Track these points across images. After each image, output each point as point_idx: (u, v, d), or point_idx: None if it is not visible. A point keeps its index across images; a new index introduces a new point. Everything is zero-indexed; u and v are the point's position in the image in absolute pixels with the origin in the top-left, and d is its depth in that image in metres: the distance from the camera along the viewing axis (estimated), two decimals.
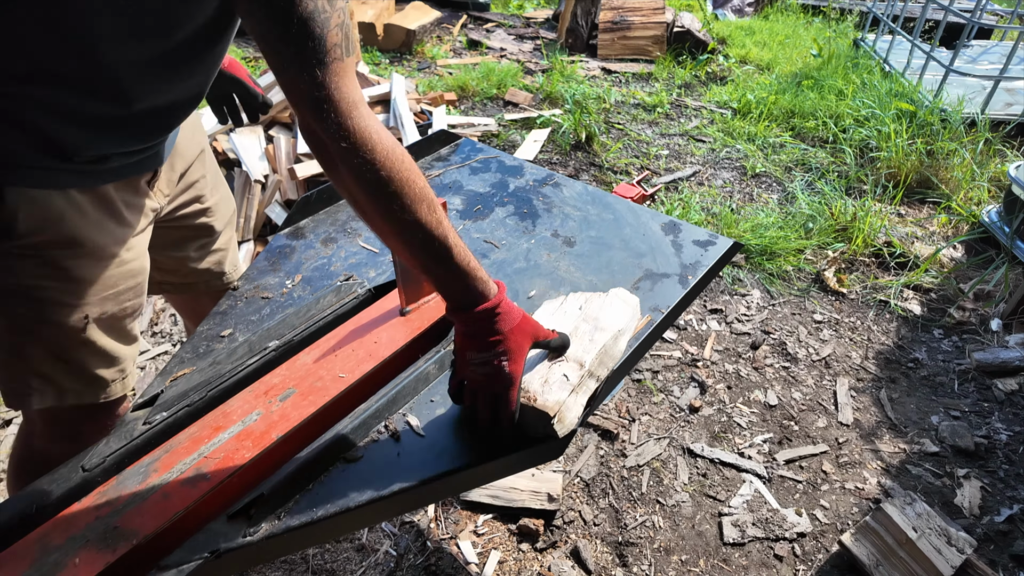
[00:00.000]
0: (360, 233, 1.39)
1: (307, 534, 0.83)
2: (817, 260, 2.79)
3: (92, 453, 0.88)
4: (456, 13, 5.92)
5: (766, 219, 2.92)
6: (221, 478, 0.82)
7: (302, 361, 1.01)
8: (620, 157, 3.57)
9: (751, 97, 4.12)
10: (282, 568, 1.59)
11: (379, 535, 1.67)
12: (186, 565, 0.75)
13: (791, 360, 2.29)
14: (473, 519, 1.72)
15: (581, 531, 1.71)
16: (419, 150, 1.67)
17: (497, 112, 4.04)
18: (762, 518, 1.75)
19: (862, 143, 3.54)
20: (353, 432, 0.92)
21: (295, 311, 1.15)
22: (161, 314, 2.40)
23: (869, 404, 2.12)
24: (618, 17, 5.00)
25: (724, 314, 2.49)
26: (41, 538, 0.76)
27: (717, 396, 2.13)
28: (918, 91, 3.74)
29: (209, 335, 1.13)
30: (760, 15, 6.37)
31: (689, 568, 1.64)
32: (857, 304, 2.56)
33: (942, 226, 3.04)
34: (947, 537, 1.56)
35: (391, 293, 1.16)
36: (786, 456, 1.93)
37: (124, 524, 0.77)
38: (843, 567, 1.64)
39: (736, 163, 3.58)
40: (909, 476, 1.89)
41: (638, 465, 1.89)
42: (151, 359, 2.21)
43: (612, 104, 4.16)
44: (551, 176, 1.59)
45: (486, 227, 1.41)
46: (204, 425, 0.90)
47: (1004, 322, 2.43)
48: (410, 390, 1.00)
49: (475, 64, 4.70)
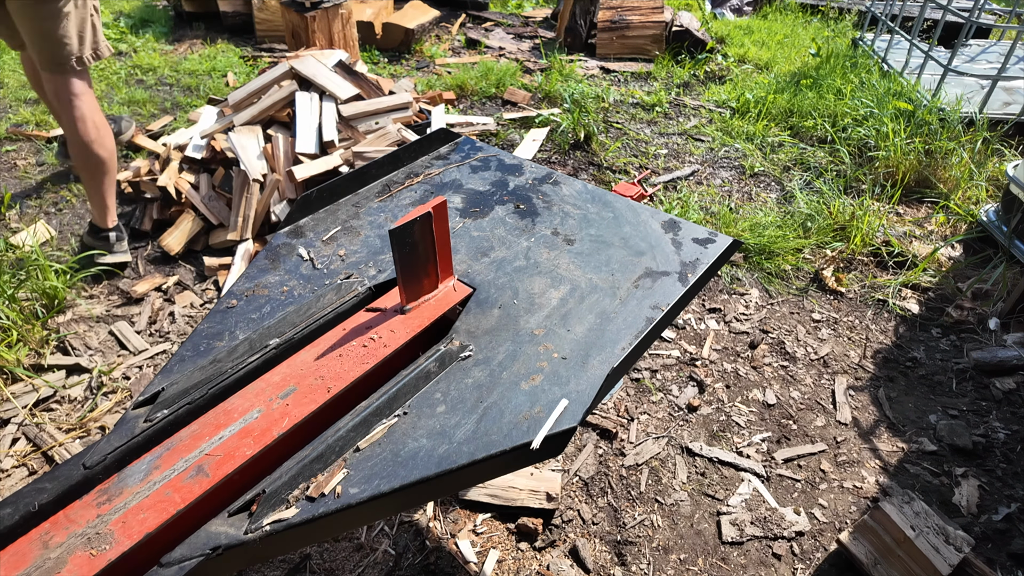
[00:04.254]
0: (360, 232, 1.39)
1: (307, 532, 0.84)
2: (815, 259, 2.79)
3: (93, 451, 0.89)
4: (455, 12, 5.91)
5: (764, 218, 2.93)
6: (222, 475, 0.82)
7: (303, 359, 1.01)
8: (619, 156, 3.58)
9: (750, 96, 4.13)
10: (281, 567, 1.59)
11: (378, 534, 1.68)
12: (187, 562, 0.75)
13: (789, 359, 2.29)
14: (472, 518, 1.72)
15: (580, 530, 1.71)
16: (419, 149, 1.67)
17: (496, 111, 4.04)
18: (760, 517, 1.76)
19: (860, 142, 3.54)
20: (354, 429, 0.92)
21: (295, 309, 1.15)
22: (160, 313, 2.40)
23: (867, 403, 2.13)
24: (617, 16, 5.00)
25: (723, 313, 2.50)
26: (43, 535, 0.76)
27: (716, 395, 2.13)
28: (916, 90, 3.74)
29: (210, 333, 1.13)
30: (759, 14, 6.37)
31: (688, 567, 1.64)
32: (855, 303, 2.57)
33: (940, 225, 3.05)
34: (945, 536, 1.56)
35: (391, 291, 1.17)
36: (784, 455, 1.94)
37: (125, 521, 0.77)
38: (841, 566, 1.64)
39: (735, 162, 3.58)
40: (907, 475, 1.89)
41: (637, 464, 1.89)
42: (150, 358, 2.21)
43: (611, 103, 4.16)
44: (551, 174, 1.59)
45: (486, 225, 1.41)
46: (205, 423, 0.90)
47: (1002, 321, 2.44)
48: (410, 387, 1.00)
49: (474, 63, 4.70)
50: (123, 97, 3.96)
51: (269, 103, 2.92)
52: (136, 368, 2.17)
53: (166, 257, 2.66)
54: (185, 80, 4.25)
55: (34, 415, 1.99)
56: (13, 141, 3.49)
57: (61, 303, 2.35)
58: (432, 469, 0.89)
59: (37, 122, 3.66)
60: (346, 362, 1.00)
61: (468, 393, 1.00)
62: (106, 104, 3.91)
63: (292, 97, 2.94)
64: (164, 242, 2.66)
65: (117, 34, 4.88)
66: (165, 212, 2.82)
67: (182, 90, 4.15)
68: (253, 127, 2.88)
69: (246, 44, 4.90)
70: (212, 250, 2.73)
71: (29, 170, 3.24)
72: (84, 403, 2.04)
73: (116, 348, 2.25)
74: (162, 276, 2.57)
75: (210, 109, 3.12)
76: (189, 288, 2.52)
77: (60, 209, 2.96)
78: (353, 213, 1.46)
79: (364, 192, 1.53)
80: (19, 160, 3.33)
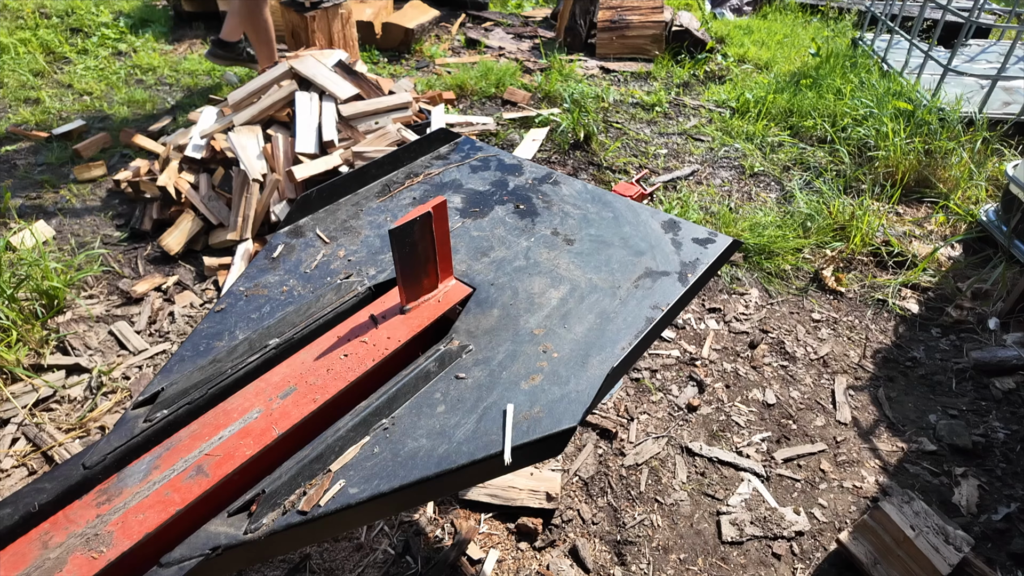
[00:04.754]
0: (360, 232, 1.39)
1: (307, 532, 0.84)
2: (815, 259, 2.79)
3: (93, 451, 0.89)
4: (454, 12, 5.91)
5: (764, 218, 2.93)
6: (221, 476, 0.82)
7: (302, 359, 1.01)
8: (619, 156, 3.58)
9: (749, 96, 4.13)
10: (281, 567, 1.59)
11: (378, 534, 1.68)
12: (187, 562, 0.75)
13: (789, 359, 2.29)
14: (472, 518, 1.72)
15: (580, 530, 1.71)
16: (419, 148, 1.67)
17: (495, 111, 4.04)
18: (760, 517, 1.76)
19: (860, 142, 3.54)
20: (354, 429, 0.92)
21: (295, 309, 1.15)
22: (159, 313, 2.40)
23: (867, 403, 2.13)
24: (616, 16, 5.00)
25: (722, 313, 2.50)
26: (42, 535, 0.76)
27: (715, 395, 2.13)
28: (916, 90, 3.74)
29: (209, 333, 1.13)
30: (758, 14, 6.37)
31: (687, 567, 1.64)
32: (855, 303, 2.57)
33: (940, 225, 3.05)
34: (945, 535, 1.56)
35: (391, 291, 1.17)
36: (784, 455, 1.94)
37: (125, 521, 0.77)
38: (841, 566, 1.64)
39: (734, 162, 3.58)
40: (907, 475, 1.89)
41: (636, 464, 1.89)
42: (149, 358, 2.21)
43: (610, 103, 4.16)
44: (551, 174, 1.59)
45: (486, 225, 1.41)
46: (205, 423, 0.90)
47: (1001, 321, 2.44)
48: (410, 387, 1.00)
49: (473, 63, 4.70)
50: (123, 97, 3.96)
51: (269, 103, 2.91)
52: (136, 368, 2.17)
53: (166, 257, 2.66)
54: (185, 80, 4.25)
55: (34, 415, 1.99)
56: (13, 141, 3.49)
57: (61, 303, 2.35)
58: (432, 469, 0.89)
59: (37, 122, 3.66)
60: (346, 362, 1.00)
61: (468, 393, 1.00)
62: (105, 104, 3.91)
63: (292, 97, 2.94)
64: (164, 242, 2.66)
65: (117, 34, 4.88)
66: (165, 212, 2.82)
67: (182, 90, 4.15)
68: (253, 127, 2.88)
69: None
70: (212, 250, 2.73)
71: (29, 170, 3.24)
72: (84, 403, 2.04)
73: (116, 348, 2.25)
74: (162, 276, 2.57)
75: (210, 109, 3.12)
76: (189, 288, 2.52)
77: (60, 209, 2.96)
78: (353, 213, 1.46)
79: (364, 192, 1.53)
80: (19, 160, 3.33)
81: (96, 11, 5.18)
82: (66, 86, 4.12)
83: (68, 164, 3.29)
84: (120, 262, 2.64)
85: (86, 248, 2.67)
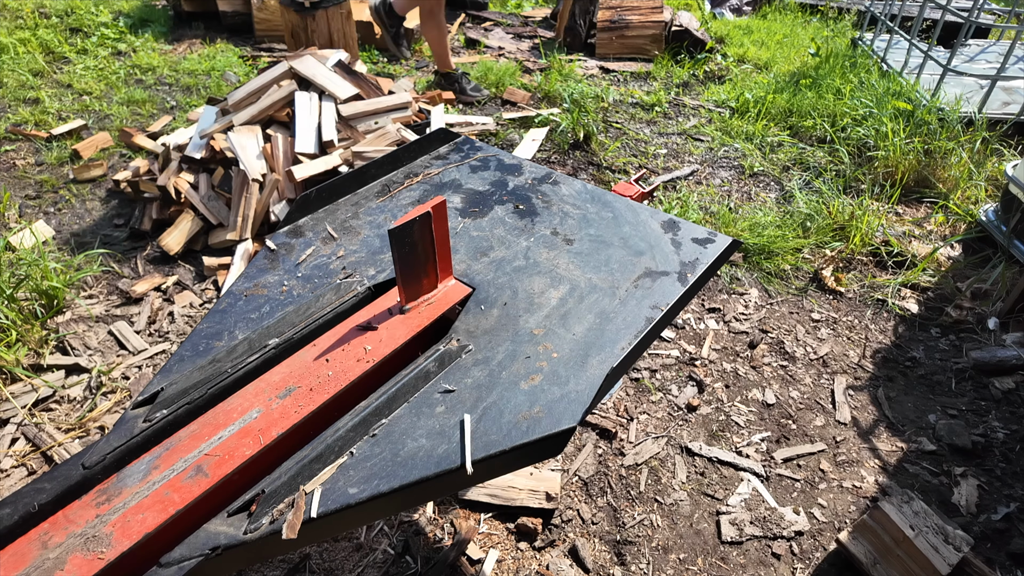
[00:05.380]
0: (359, 232, 1.39)
1: (307, 532, 0.84)
2: (815, 259, 2.79)
3: (92, 451, 0.88)
4: (454, 12, 5.91)
5: (764, 218, 2.93)
6: (221, 475, 0.82)
7: (302, 359, 1.01)
8: (618, 156, 3.58)
9: (749, 96, 4.13)
10: (281, 567, 1.59)
11: (378, 534, 1.68)
12: (187, 562, 0.75)
13: (789, 359, 2.29)
14: (472, 518, 1.72)
15: (579, 530, 1.71)
16: (418, 148, 1.67)
17: (495, 111, 4.04)
18: (760, 517, 1.76)
19: (860, 142, 3.54)
20: (353, 429, 0.92)
21: (295, 309, 1.15)
22: (159, 313, 2.40)
23: (867, 403, 2.13)
24: (616, 16, 5.00)
25: (722, 313, 2.50)
26: (42, 535, 0.76)
27: (715, 395, 2.13)
28: (916, 90, 3.74)
29: (209, 333, 1.13)
30: (758, 14, 6.37)
31: (687, 567, 1.64)
32: (855, 303, 2.57)
33: (939, 225, 3.05)
34: (944, 535, 1.56)
35: (391, 291, 1.17)
36: (784, 455, 1.94)
37: (124, 521, 0.77)
38: (840, 565, 1.64)
39: (734, 162, 3.58)
40: (906, 474, 1.89)
41: (636, 464, 1.89)
42: (149, 358, 2.20)
43: (610, 103, 4.16)
44: (550, 174, 1.59)
45: (485, 225, 1.41)
46: (204, 423, 0.90)
47: (1001, 321, 2.44)
48: (410, 387, 1.00)
49: (473, 63, 4.70)
50: (122, 97, 3.96)
51: (268, 103, 2.91)
52: (135, 368, 2.17)
53: (165, 257, 2.66)
54: (184, 80, 4.25)
55: (33, 415, 1.99)
56: (12, 141, 3.48)
57: (60, 303, 2.35)
58: (432, 469, 0.89)
59: (36, 122, 3.66)
60: (346, 362, 1.00)
61: (467, 393, 1.00)
62: (105, 104, 3.90)
63: (291, 97, 2.94)
64: (163, 242, 2.66)
65: (116, 34, 4.88)
66: (164, 212, 2.82)
67: (181, 90, 4.15)
68: (252, 127, 2.88)
69: (245, 44, 4.90)
70: (211, 250, 2.73)
71: (29, 170, 3.24)
72: (83, 403, 2.04)
73: (115, 348, 2.25)
74: (161, 276, 2.57)
75: (209, 109, 3.12)
76: (188, 288, 2.52)
77: (60, 209, 2.96)
78: (352, 213, 1.46)
79: (363, 192, 1.53)
80: (19, 160, 3.33)
81: (96, 11, 5.18)
82: (65, 86, 4.11)
83: (68, 164, 3.29)
84: (120, 262, 2.64)
85: (86, 248, 2.67)
